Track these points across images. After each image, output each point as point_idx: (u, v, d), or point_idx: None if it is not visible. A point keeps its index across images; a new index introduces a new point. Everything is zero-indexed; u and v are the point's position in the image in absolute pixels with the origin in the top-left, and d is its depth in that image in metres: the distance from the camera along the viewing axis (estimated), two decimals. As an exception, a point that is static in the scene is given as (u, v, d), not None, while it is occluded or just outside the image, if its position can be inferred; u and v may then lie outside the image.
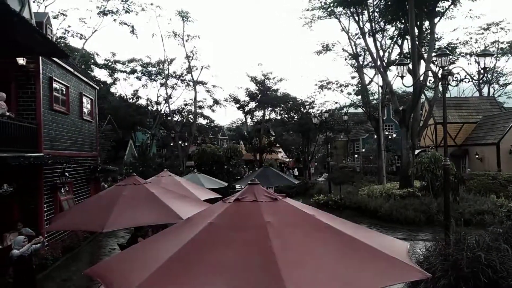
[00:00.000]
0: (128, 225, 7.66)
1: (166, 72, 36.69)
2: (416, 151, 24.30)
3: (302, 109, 37.22)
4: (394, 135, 39.37)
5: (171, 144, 39.54)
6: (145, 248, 3.92)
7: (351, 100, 33.25)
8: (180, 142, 37.43)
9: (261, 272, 2.87)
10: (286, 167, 45.15)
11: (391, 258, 3.05)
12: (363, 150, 42.83)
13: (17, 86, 11.58)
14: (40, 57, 11.68)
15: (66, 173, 13.11)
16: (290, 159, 49.11)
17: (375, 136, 30.46)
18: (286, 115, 39.85)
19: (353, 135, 46.48)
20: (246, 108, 40.71)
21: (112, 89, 38.34)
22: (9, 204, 11.18)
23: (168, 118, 38.09)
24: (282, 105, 39.22)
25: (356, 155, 46.39)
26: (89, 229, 9.95)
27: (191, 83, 37.37)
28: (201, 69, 37.15)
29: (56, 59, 12.81)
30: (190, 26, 51.28)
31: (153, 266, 3.08)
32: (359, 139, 47.06)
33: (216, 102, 39.91)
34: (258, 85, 38.83)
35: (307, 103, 37.14)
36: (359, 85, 30.94)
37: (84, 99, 15.95)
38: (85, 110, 16.03)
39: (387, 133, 38.05)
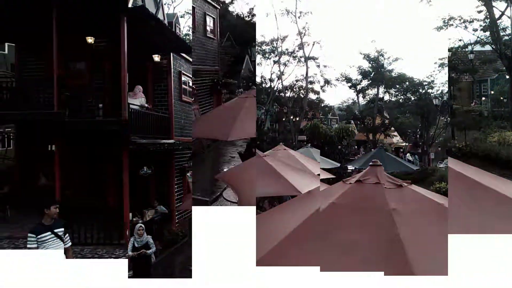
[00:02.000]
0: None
1: (280, 49, 37.82)
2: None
3: (420, 90, 34.92)
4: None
5: (283, 119, 40.80)
6: (271, 218, 4.14)
7: (477, 37, 29.70)
8: (291, 117, 38.39)
9: (387, 259, 2.84)
10: (402, 152, 42.73)
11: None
12: (492, 92, 37.82)
13: (153, 81, 12.97)
14: (171, 54, 12.87)
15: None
16: (406, 144, 46.42)
17: (507, 77, 26.88)
18: (402, 96, 37.90)
19: (479, 75, 41.45)
20: (358, 87, 39.89)
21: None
22: (148, 185, 12.73)
23: (281, 94, 39.31)
24: (398, 86, 37.41)
25: (483, 98, 41.23)
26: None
27: (302, 59, 37.96)
28: (313, 44, 37.19)
29: (183, 55, 13.99)
30: (302, 2, 51.59)
31: (281, 235, 3.24)
32: (486, 80, 41.60)
33: (327, 82, 39.84)
34: (371, 62, 37.68)
35: (426, 83, 34.71)
36: (487, 20, 27.42)
37: (207, 91, 17.24)
38: (208, 101, 17.31)
39: (521, 72, 33.19)
